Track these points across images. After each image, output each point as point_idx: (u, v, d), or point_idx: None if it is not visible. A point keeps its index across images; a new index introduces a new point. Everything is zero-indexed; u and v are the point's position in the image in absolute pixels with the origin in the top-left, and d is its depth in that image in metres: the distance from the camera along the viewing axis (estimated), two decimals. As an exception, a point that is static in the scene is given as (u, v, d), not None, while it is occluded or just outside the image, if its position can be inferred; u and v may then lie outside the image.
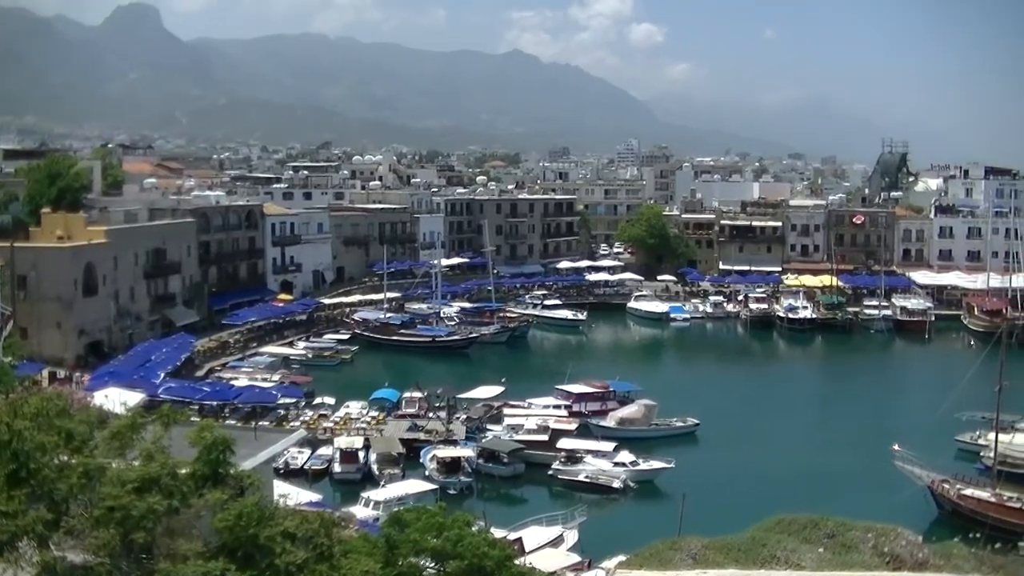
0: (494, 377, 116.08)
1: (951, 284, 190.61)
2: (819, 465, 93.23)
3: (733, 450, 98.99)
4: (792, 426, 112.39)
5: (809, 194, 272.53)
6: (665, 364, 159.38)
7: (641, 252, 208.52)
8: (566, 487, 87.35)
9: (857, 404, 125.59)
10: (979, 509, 76.85)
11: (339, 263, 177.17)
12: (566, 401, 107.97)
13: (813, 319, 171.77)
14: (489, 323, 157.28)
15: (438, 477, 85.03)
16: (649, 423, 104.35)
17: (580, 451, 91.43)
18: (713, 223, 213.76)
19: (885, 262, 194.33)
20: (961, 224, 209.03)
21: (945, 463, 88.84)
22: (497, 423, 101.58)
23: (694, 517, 58.96)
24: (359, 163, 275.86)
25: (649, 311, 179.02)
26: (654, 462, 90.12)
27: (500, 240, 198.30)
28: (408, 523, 30.80)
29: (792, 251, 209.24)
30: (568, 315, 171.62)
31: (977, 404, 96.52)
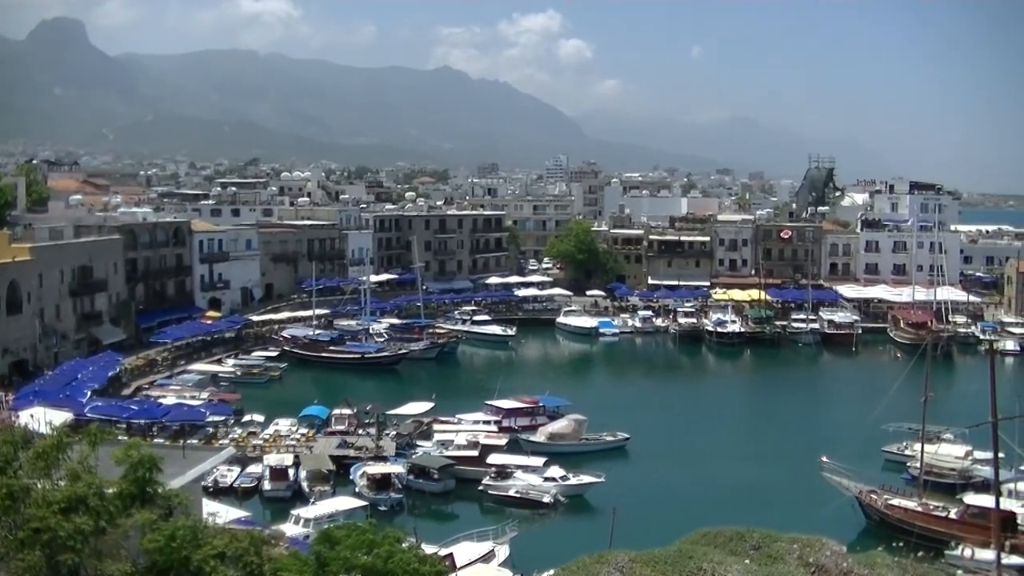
0: (424, 393, 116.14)
1: (877, 297, 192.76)
2: (748, 478, 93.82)
3: (663, 464, 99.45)
4: (721, 439, 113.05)
5: (737, 209, 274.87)
6: (595, 379, 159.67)
7: (570, 267, 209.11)
8: (497, 503, 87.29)
9: (785, 417, 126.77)
10: (906, 518, 77.61)
11: (268, 280, 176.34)
12: (496, 417, 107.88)
13: (741, 333, 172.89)
14: (418, 339, 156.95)
15: (368, 494, 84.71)
16: (579, 438, 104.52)
17: (510, 466, 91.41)
18: (642, 238, 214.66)
19: (812, 276, 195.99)
20: (887, 238, 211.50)
21: (872, 474, 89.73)
22: (427, 439, 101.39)
23: (624, 531, 59.21)
24: (287, 179, 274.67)
25: (578, 326, 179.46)
26: (584, 477, 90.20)
27: (429, 256, 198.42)
28: (338, 540, 30.81)
29: (720, 266, 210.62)
30: (497, 331, 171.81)
31: (903, 415, 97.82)
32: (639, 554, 35.84)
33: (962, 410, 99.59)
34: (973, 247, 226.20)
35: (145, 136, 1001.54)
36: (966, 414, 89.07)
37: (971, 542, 70.70)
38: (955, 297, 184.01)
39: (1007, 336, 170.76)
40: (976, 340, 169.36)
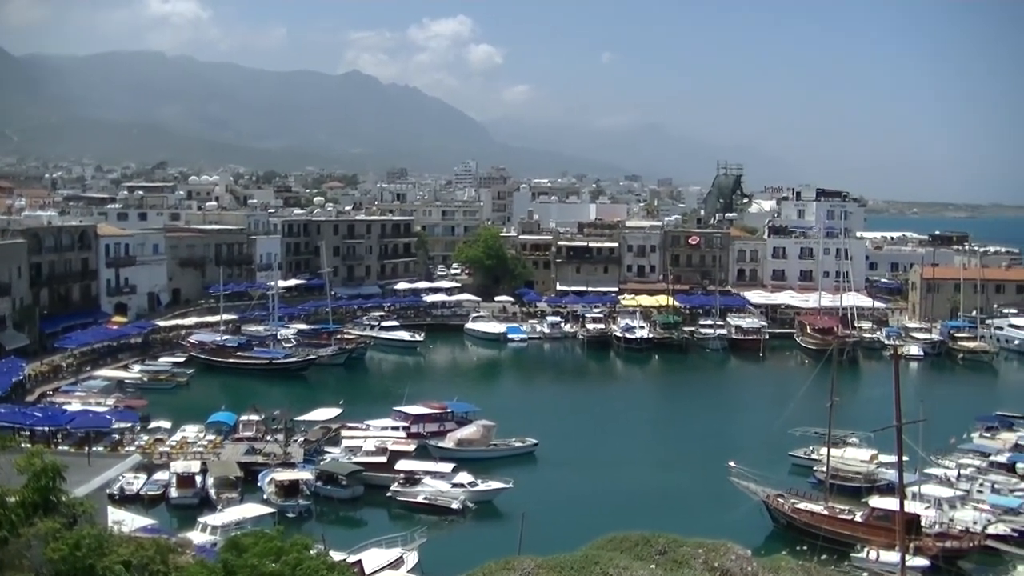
0: (332, 399, 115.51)
1: (784, 303, 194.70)
2: (657, 483, 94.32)
3: (572, 469, 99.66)
4: (630, 445, 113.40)
5: (645, 215, 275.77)
6: (503, 385, 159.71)
7: (479, 273, 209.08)
8: (405, 509, 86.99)
9: (693, 422, 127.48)
10: (812, 522, 78.49)
11: (175, 285, 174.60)
12: (404, 423, 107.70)
13: (649, 339, 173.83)
14: (326, 345, 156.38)
15: (276, 500, 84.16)
16: (488, 444, 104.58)
17: (419, 472, 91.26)
18: (550, 244, 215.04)
19: (720, 282, 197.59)
20: (794, 245, 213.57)
21: (779, 478, 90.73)
22: (335, 445, 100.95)
23: (534, 536, 59.21)
24: (195, 183, 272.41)
25: (487, 332, 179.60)
26: (493, 482, 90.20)
27: (338, 261, 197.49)
28: (246, 548, 30.49)
29: (629, 272, 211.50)
30: (406, 336, 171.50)
31: (810, 420, 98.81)
32: (545, 559, 35.83)
33: (867, 414, 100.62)
34: (878, 253, 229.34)
35: (51, 138, 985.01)
36: (871, 418, 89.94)
37: (876, 544, 71.58)
38: (861, 303, 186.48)
39: (911, 341, 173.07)
40: (881, 345, 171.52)
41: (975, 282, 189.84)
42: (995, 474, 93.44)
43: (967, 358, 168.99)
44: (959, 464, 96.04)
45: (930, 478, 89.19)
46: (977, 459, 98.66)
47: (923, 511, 78.62)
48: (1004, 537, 77.07)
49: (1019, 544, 75.89)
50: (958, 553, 73.25)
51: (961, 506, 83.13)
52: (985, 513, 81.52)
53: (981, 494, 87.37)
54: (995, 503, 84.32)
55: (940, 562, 69.05)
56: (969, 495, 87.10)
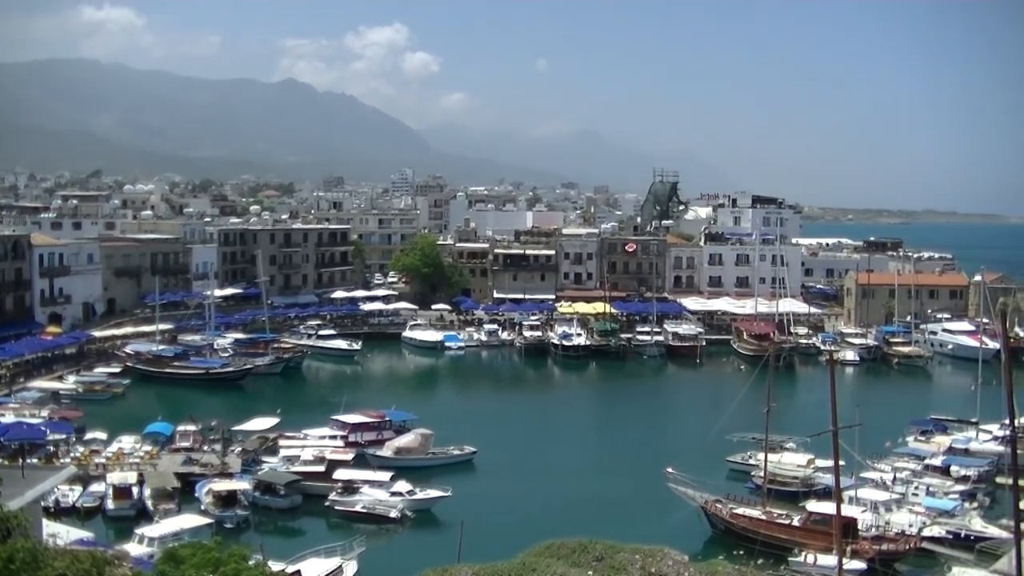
0: (269, 408, 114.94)
1: (721, 310, 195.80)
2: (595, 490, 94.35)
3: (511, 477, 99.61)
4: (569, 452, 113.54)
5: (582, 223, 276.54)
6: (441, 393, 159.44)
7: (416, 281, 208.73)
8: (344, 518, 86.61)
9: (632, 429, 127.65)
10: (750, 527, 78.90)
11: (110, 294, 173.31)
12: (342, 431, 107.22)
13: (587, 346, 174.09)
14: (263, 354, 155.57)
15: (214, 511, 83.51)
16: (426, 452, 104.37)
17: (357, 481, 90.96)
18: (487, 252, 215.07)
19: (657, 289, 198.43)
20: (730, 251, 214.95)
21: (717, 483, 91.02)
22: (273, 455, 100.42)
23: (472, 545, 59.14)
24: (130, 192, 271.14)
25: (424, 340, 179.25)
26: (431, 491, 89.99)
27: (274, 270, 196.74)
28: (183, 559, 30.31)
29: (566, 279, 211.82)
30: (343, 345, 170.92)
31: (747, 425, 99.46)
32: (482, 567, 35.86)
33: (804, 419, 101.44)
34: (814, 260, 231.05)
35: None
36: (808, 423, 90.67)
37: (813, 548, 72.00)
38: (796, 309, 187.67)
39: (847, 347, 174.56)
40: (817, 351, 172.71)
41: (909, 288, 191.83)
42: (930, 477, 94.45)
43: (902, 363, 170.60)
44: (894, 468, 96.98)
45: (866, 482, 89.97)
46: (912, 462, 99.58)
47: (859, 515, 79.25)
48: (939, 539, 77.80)
49: (954, 546, 76.58)
50: (894, 556, 73.84)
51: (897, 509, 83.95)
52: (920, 516, 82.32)
53: (916, 497, 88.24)
54: (930, 506, 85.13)
55: (877, 565, 69.53)
56: (904, 498, 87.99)
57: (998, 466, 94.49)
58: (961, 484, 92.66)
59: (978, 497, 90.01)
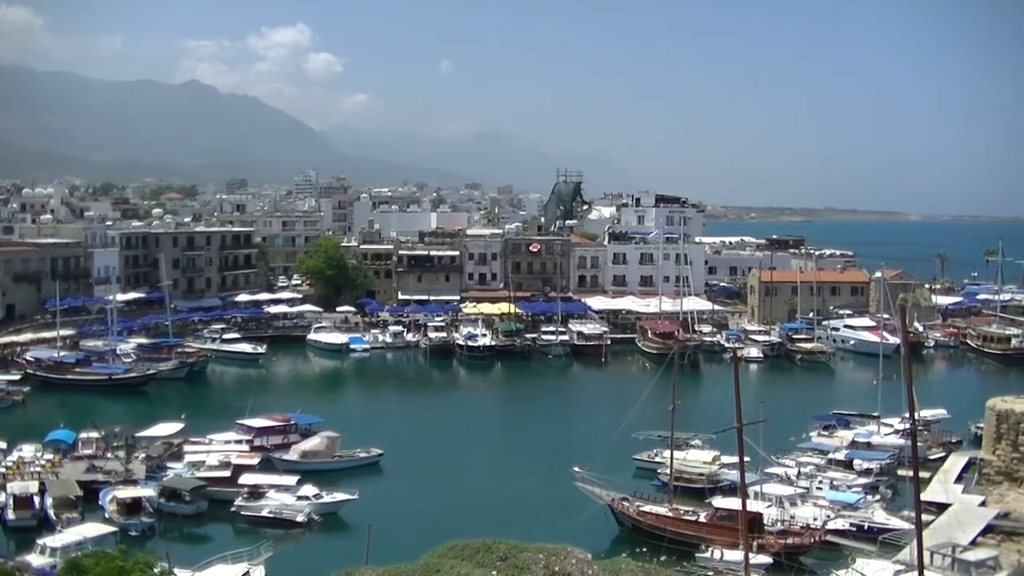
0: (173, 414, 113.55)
1: (625, 309, 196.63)
2: (503, 490, 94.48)
3: (417, 479, 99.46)
4: (475, 452, 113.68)
5: (486, 223, 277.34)
6: (347, 395, 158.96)
7: (320, 283, 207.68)
8: (250, 523, 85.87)
9: (538, 428, 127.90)
10: (657, 524, 79.32)
11: (9, 300, 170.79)
12: (247, 436, 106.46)
13: (492, 346, 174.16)
14: (167, 359, 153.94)
15: (118, 519, 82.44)
16: (332, 455, 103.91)
17: (263, 486, 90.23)
18: (391, 253, 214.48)
19: (561, 289, 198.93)
20: (634, 251, 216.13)
21: (624, 481, 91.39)
22: (178, 461, 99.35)
23: (380, 547, 58.97)
24: (29, 196, 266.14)
25: (329, 342, 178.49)
26: (338, 494, 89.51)
27: (177, 274, 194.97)
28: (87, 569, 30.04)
29: (470, 280, 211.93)
30: (248, 348, 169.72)
31: (653, 423, 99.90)
32: (387, 569, 35.85)
33: (709, 416, 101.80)
34: (717, 258, 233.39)
35: None
36: (713, 420, 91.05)
37: (720, 544, 72.37)
38: (700, 307, 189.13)
39: (751, 344, 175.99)
40: (721, 348, 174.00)
41: (811, 285, 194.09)
42: (833, 471, 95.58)
43: (805, 359, 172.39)
44: (799, 462, 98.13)
45: (771, 477, 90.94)
46: (816, 457, 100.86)
47: (765, 509, 79.98)
48: (843, 532, 78.76)
49: (857, 538, 77.55)
50: (800, 549, 74.56)
51: (801, 503, 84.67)
52: (825, 509, 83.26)
53: (820, 491, 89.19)
54: (834, 499, 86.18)
55: (782, 559, 70.09)
56: (809, 492, 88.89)
57: (899, 459, 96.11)
58: (864, 477, 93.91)
59: (880, 490, 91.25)
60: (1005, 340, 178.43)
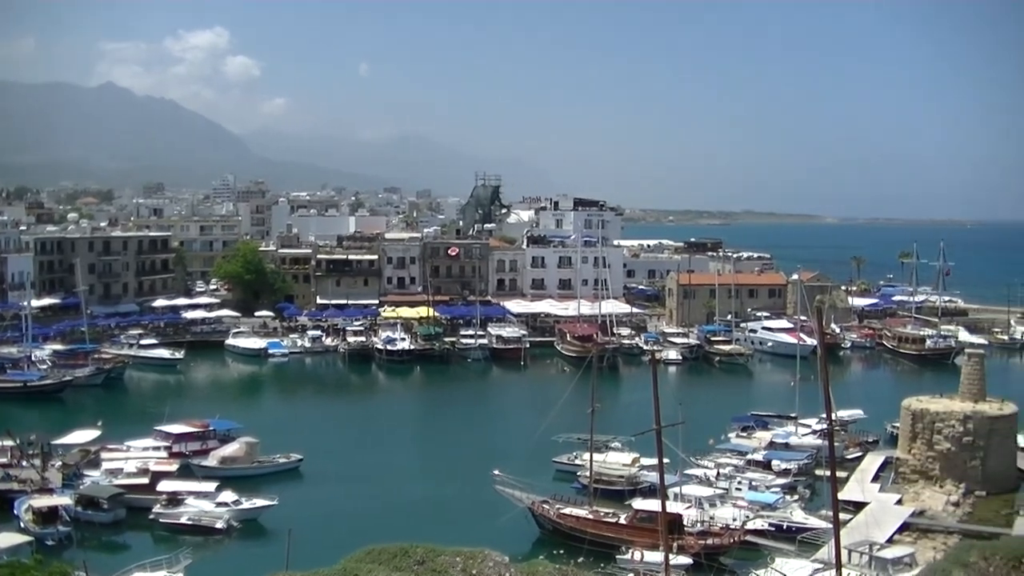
0: (90, 421, 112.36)
1: (544, 312, 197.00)
2: (424, 494, 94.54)
3: (338, 483, 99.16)
4: (396, 457, 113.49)
5: (405, 227, 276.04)
6: (266, 400, 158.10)
7: (238, 288, 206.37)
8: (169, 530, 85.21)
9: (458, 432, 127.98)
10: (578, 526, 79.70)
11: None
12: (166, 442, 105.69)
13: (411, 350, 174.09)
14: (83, 365, 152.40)
15: (34, 528, 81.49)
16: (252, 461, 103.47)
17: (182, 493, 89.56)
18: (310, 257, 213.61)
19: (480, 292, 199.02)
20: (552, 254, 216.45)
21: (544, 484, 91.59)
22: (95, 468, 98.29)
23: (300, 553, 58.73)
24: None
25: (247, 347, 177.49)
26: (257, 500, 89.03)
27: (93, 279, 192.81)
28: (1, 579, 29.66)
29: (389, 284, 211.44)
30: (165, 354, 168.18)
31: (572, 426, 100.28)
32: (305, 575, 35.69)
33: (628, 419, 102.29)
34: (636, 261, 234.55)
35: None
36: (632, 422, 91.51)
37: (640, 545, 72.67)
38: (619, 310, 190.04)
39: (669, 346, 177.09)
40: (640, 351, 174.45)
41: (729, 287, 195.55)
42: (752, 472, 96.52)
43: (723, 361, 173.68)
44: (717, 464, 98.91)
45: (690, 478, 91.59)
46: (734, 458, 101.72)
47: (685, 511, 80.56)
48: (762, 532, 79.62)
49: (776, 538, 78.31)
50: (719, 549, 75.16)
51: (721, 504, 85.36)
52: (744, 510, 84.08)
53: (739, 492, 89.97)
54: (753, 500, 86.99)
55: (702, 559, 70.56)
56: (728, 493, 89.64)
57: (817, 459, 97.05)
58: (782, 477, 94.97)
59: (799, 490, 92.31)
60: (920, 341, 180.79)
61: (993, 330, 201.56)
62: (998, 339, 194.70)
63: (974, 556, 42.01)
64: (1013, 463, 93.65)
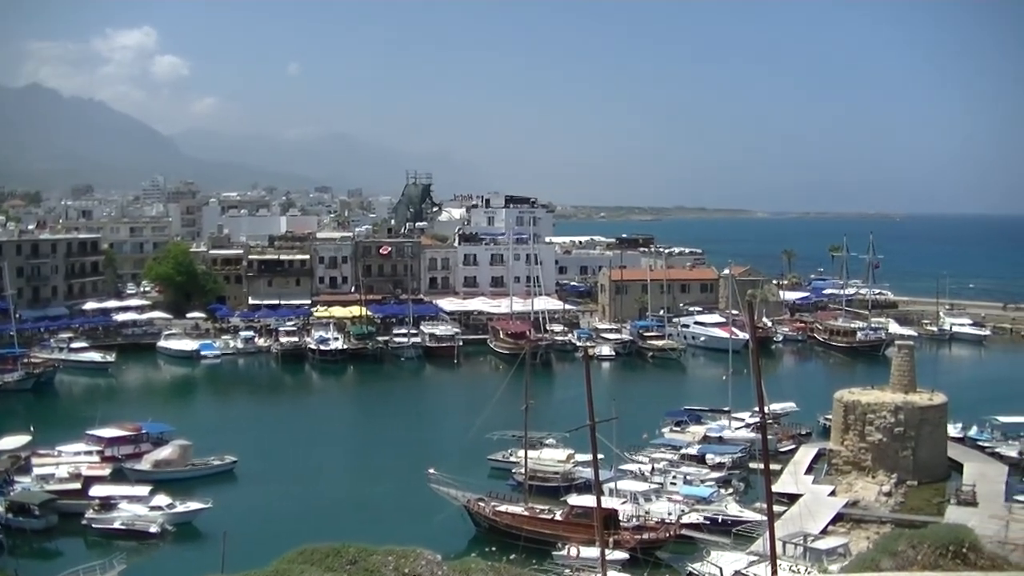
0: (20, 426, 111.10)
1: (477, 309, 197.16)
2: (359, 494, 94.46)
3: (273, 484, 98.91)
4: (331, 457, 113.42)
5: (336, 227, 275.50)
6: (199, 403, 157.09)
7: (170, 290, 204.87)
8: (102, 536, 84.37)
9: (392, 431, 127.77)
10: (513, 523, 79.83)
11: None
12: (98, 446, 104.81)
13: (344, 350, 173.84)
14: (12, 370, 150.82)
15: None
16: (185, 464, 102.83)
17: (115, 497, 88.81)
18: (241, 258, 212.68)
19: (412, 291, 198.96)
20: (484, 251, 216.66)
21: (479, 482, 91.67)
22: (26, 474, 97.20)
23: (236, 555, 58.43)
24: None
25: (180, 349, 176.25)
26: (192, 503, 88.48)
27: (22, 282, 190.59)
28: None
29: (321, 283, 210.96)
30: (96, 357, 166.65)
31: (506, 423, 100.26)
32: (234, 576, 35.69)
33: (562, 415, 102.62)
34: (567, 258, 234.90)
35: None
36: (566, 418, 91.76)
37: (576, 541, 73.11)
38: (552, 306, 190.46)
39: (602, 342, 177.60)
40: (573, 347, 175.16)
41: (661, 282, 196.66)
42: (686, 466, 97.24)
43: (656, 356, 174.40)
44: (652, 458, 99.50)
45: (625, 473, 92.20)
46: (669, 453, 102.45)
47: (620, 506, 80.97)
48: (697, 525, 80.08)
49: (712, 531, 78.87)
50: (655, 544, 75.62)
51: (656, 499, 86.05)
52: (679, 504, 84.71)
53: (674, 486, 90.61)
54: (687, 494, 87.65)
55: (638, 554, 70.89)
56: (663, 488, 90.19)
57: (751, 452, 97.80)
58: (716, 471, 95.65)
59: (733, 483, 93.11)
60: (851, 333, 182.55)
61: (923, 322, 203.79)
62: (927, 331, 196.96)
63: (902, 545, 42.41)
64: (943, 452, 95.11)
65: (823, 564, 66.92)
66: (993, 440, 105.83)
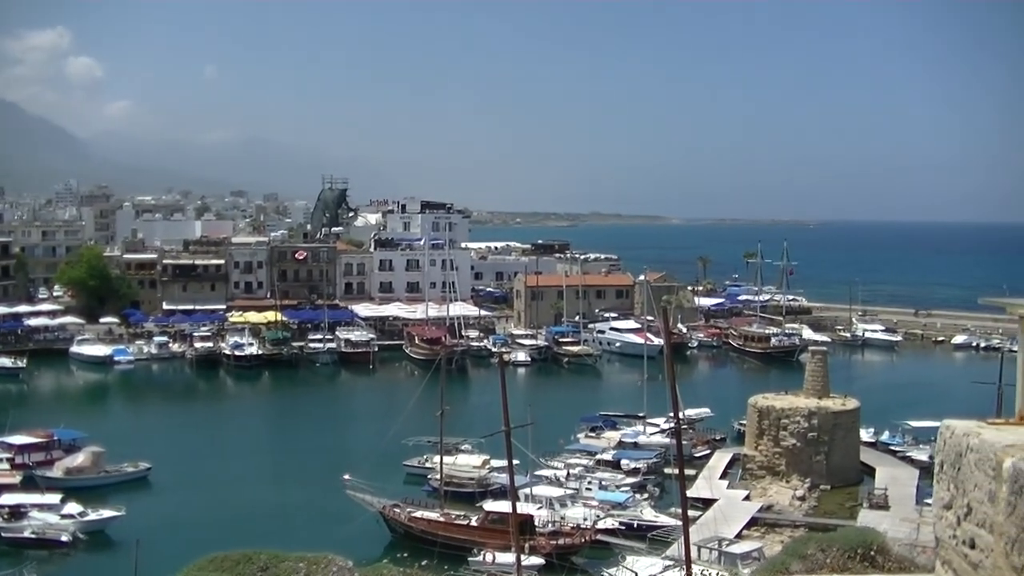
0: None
1: (392, 315, 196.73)
2: (274, 500, 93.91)
3: (187, 491, 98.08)
4: (245, 463, 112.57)
5: (252, 231, 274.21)
6: (112, 409, 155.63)
7: (82, 294, 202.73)
8: (12, 545, 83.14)
9: (307, 437, 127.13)
10: (429, 529, 79.77)
11: None
12: (7, 453, 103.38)
13: (259, 355, 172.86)
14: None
15: None
16: (98, 471, 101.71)
17: (25, 505, 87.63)
18: (156, 263, 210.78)
19: (328, 296, 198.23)
20: (400, 257, 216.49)
21: (395, 488, 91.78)
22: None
23: (149, 563, 58.17)
24: None
25: (92, 355, 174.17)
26: (104, 511, 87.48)
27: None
28: None
29: (236, 288, 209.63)
30: (7, 363, 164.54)
31: (422, 429, 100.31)
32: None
33: (478, 421, 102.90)
34: (483, 263, 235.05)
35: None
36: (482, 424, 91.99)
37: (492, 546, 73.11)
38: (467, 312, 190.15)
39: (518, 348, 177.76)
40: (488, 353, 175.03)
41: (577, 288, 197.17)
42: (601, 471, 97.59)
43: (571, 362, 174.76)
44: (567, 464, 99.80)
45: (541, 479, 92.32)
46: (584, 458, 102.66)
47: (536, 511, 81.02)
48: (613, 531, 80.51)
49: (627, 536, 79.24)
50: (571, 549, 75.81)
51: (571, 504, 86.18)
52: (594, 509, 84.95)
53: (589, 491, 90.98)
54: (603, 499, 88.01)
55: (554, 559, 71.18)
56: (578, 493, 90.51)
57: (666, 457, 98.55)
58: (631, 476, 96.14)
59: (648, 488, 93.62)
60: (765, 339, 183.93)
61: (836, 328, 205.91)
62: (841, 336, 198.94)
63: (812, 548, 43.05)
64: (856, 457, 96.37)
65: (738, 568, 67.45)
66: (904, 444, 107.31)
